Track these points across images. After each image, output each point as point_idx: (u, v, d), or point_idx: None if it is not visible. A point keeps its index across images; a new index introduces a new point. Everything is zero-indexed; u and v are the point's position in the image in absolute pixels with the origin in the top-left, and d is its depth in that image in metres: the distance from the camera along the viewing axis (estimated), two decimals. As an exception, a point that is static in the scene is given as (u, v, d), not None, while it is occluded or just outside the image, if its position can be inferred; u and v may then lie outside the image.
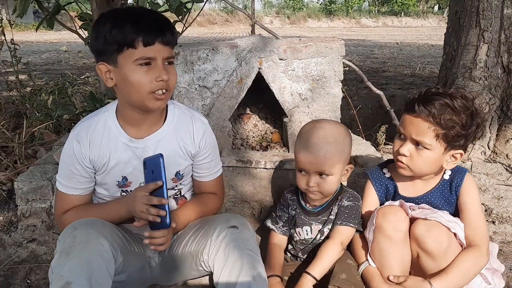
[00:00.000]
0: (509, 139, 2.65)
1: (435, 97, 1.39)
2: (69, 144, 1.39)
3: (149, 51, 1.24)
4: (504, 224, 2.01)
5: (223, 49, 1.99)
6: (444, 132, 1.37)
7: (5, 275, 1.68)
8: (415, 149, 1.42)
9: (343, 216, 1.54)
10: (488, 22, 2.69)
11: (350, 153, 1.57)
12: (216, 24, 24.82)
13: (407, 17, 30.63)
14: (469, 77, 2.74)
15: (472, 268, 1.36)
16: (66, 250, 1.19)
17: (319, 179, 1.51)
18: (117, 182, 1.42)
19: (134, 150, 1.39)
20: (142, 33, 1.23)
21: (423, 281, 1.35)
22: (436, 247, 1.33)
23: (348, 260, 1.50)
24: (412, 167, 1.45)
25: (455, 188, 1.49)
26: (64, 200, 1.42)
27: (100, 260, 1.19)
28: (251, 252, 1.30)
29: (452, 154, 1.43)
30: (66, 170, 1.40)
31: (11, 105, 3.69)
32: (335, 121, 1.60)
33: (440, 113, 1.36)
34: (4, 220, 2.02)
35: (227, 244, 1.31)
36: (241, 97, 2.07)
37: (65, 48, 9.87)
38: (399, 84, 5.75)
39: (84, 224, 1.29)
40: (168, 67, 1.30)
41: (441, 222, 1.35)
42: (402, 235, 1.37)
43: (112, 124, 1.39)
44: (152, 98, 1.28)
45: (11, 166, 2.35)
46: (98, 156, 1.38)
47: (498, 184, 2.34)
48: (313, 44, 2.05)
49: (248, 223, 1.43)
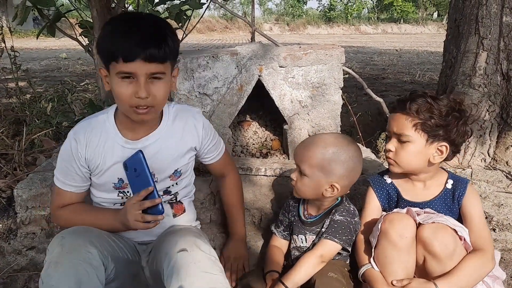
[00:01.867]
0: (509, 146, 2.65)
1: (416, 96, 1.48)
2: (67, 142, 1.41)
3: (129, 66, 1.22)
4: (504, 232, 2.01)
5: (223, 57, 2.00)
6: (422, 122, 1.44)
7: (4, 283, 1.67)
8: (399, 143, 1.49)
9: (330, 230, 1.53)
10: (487, 29, 2.69)
11: (343, 175, 1.51)
12: (215, 31, 24.92)
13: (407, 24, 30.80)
14: (469, 84, 2.74)
15: (478, 270, 1.37)
16: (55, 260, 1.20)
17: (298, 175, 1.55)
18: (113, 184, 1.42)
19: (130, 152, 1.38)
20: (122, 48, 1.21)
21: (427, 282, 1.35)
22: (442, 249, 1.34)
23: (330, 273, 1.48)
24: (399, 162, 1.51)
25: (458, 198, 1.51)
26: (60, 195, 1.44)
27: (89, 268, 1.19)
28: (205, 274, 1.23)
29: (437, 148, 1.47)
30: (63, 167, 1.42)
31: (10, 112, 3.69)
32: (345, 140, 1.56)
33: (417, 106, 1.44)
34: (4, 227, 2.01)
35: (178, 270, 1.23)
36: (241, 104, 2.07)
37: (64, 55, 9.90)
38: (398, 91, 5.76)
39: (71, 233, 1.29)
40: (154, 83, 1.27)
41: (448, 225, 1.36)
42: (408, 242, 1.37)
43: (109, 126, 1.41)
44: (134, 112, 1.29)
45: (11, 174, 2.35)
46: (94, 156, 1.39)
47: (498, 192, 2.33)
48: (313, 51, 2.05)
49: (200, 241, 1.34)
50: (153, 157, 1.40)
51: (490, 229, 2.03)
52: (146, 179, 1.30)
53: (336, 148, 1.51)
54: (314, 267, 1.49)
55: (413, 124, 1.45)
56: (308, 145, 1.55)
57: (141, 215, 1.29)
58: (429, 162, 1.49)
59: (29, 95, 4.37)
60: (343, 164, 1.50)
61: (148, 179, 1.30)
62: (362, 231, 1.57)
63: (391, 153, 1.52)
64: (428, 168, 1.52)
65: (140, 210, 1.29)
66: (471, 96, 2.72)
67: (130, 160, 1.34)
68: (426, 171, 1.53)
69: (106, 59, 1.27)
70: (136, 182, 1.33)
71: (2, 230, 2.00)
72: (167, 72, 1.31)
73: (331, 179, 1.50)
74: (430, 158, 1.48)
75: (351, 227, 1.54)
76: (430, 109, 1.43)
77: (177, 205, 1.54)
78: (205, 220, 1.89)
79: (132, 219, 1.30)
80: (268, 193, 1.99)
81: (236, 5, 42.77)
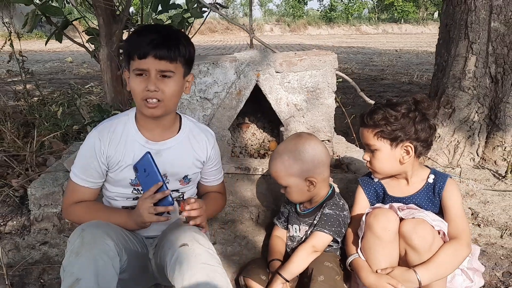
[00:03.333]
0: (497, 146, 2.77)
1: (375, 108, 1.64)
2: (91, 139, 1.54)
3: (142, 63, 1.41)
4: (489, 227, 2.13)
5: (222, 63, 2.12)
6: (380, 130, 1.59)
7: (20, 275, 1.80)
8: (371, 153, 1.65)
9: (321, 223, 1.67)
10: (476, 34, 2.81)
11: (310, 167, 1.66)
12: (216, 32, 25.04)
13: (407, 24, 30.85)
14: (459, 87, 2.86)
15: (453, 257, 1.48)
16: (76, 250, 1.32)
17: (284, 189, 1.72)
18: (131, 180, 1.55)
19: (149, 151, 1.52)
20: (138, 47, 1.41)
21: (408, 270, 1.47)
22: (421, 242, 1.45)
23: (326, 263, 1.61)
24: (375, 169, 1.66)
25: (438, 191, 1.63)
26: (75, 190, 1.56)
27: (106, 258, 1.32)
28: (205, 265, 1.34)
29: (403, 148, 1.60)
30: (83, 163, 1.54)
31: (19, 114, 3.83)
32: (293, 140, 1.73)
33: (374, 118, 1.59)
34: (18, 224, 2.14)
35: (180, 264, 1.34)
36: (239, 107, 2.20)
37: (70, 59, 10.04)
38: (396, 92, 5.88)
39: (90, 226, 1.41)
40: (163, 79, 1.44)
41: (427, 220, 1.48)
42: (391, 234, 1.49)
43: (131, 127, 1.55)
44: (144, 105, 1.45)
45: (23, 174, 2.48)
46: (114, 154, 1.52)
47: (485, 189, 2.45)
48: (307, 57, 2.18)
49: (199, 236, 1.45)
50: (168, 161, 1.55)
51: (475, 224, 2.16)
52: (155, 176, 1.45)
53: (288, 152, 1.67)
54: (308, 257, 1.63)
55: (374, 134, 1.61)
56: (270, 164, 1.73)
57: (153, 208, 1.44)
58: (400, 163, 1.63)
59: (36, 98, 4.51)
60: (302, 160, 1.66)
61: (157, 175, 1.45)
62: (351, 225, 1.70)
63: (368, 163, 1.68)
64: (403, 168, 1.64)
65: (152, 203, 1.44)
66: (461, 98, 2.84)
67: (139, 163, 1.49)
68: (403, 170, 1.65)
69: (127, 58, 1.46)
70: (147, 181, 1.47)
71: (17, 226, 2.13)
72: (177, 72, 1.46)
73: (304, 177, 1.66)
74: (400, 159, 1.62)
75: (340, 220, 1.68)
76: (385, 117, 1.58)
77: (183, 202, 1.66)
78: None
79: (146, 212, 1.45)
80: (265, 192, 2.11)
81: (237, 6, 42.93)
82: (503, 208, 2.26)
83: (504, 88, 2.77)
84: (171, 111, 1.55)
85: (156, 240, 1.63)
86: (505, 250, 1.97)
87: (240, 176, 2.14)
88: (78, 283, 1.25)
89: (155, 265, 1.59)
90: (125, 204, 1.60)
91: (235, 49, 13.74)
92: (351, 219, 1.73)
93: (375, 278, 1.49)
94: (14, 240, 2.01)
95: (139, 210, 1.46)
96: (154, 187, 1.45)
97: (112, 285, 1.32)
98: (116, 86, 2.85)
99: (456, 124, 2.83)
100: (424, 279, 1.45)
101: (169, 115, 1.55)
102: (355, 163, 2.27)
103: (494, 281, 1.80)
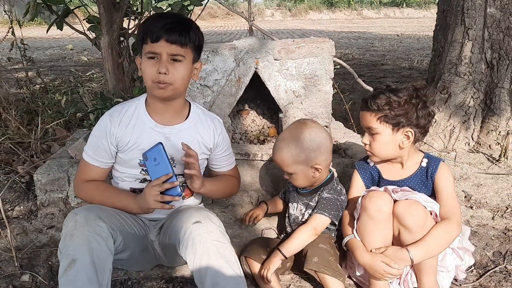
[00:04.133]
0: (492, 130, 2.82)
1: (377, 93, 1.67)
2: (103, 121, 1.62)
3: (155, 47, 1.48)
4: (481, 209, 2.19)
5: (222, 51, 2.17)
6: (384, 114, 1.63)
7: (28, 258, 1.88)
8: (371, 137, 1.69)
9: (320, 206, 1.74)
10: (472, 20, 2.84)
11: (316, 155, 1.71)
12: (217, 17, 24.87)
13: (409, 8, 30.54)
14: (455, 73, 2.90)
15: (444, 236, 1.54)
16: (70, 232, 1.40)
17: (289, 176, 1.77)
18: (139, 161, 1.62)
19: (158, 134, 1.61)
20: (151, 31, 1.48)
21: (401, 249, 1.54)
22: (414, 222, 1.52)
23: (320, 244, 1.68)
24: (374, 152, 1.70)
25: (431, 174, 1.69)
26: (86, 168, 1.65)
27: (99, 239, 1.39)
28: (216, 242, 1.42)
29: (403, 133, 1.65)
30: (94, 143, 1.62)
31: (21, 102, 3.88)
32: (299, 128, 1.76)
33: (377, 102, 1.63)
34: (25, 209, 2.21)
35: (193, 239, 1.43)
36: (239, 94, 2.25)
37: (71, 47, 10.03)
38: (396, 77, 5.89)
39: (83, 210, 1.49)
40: (173, 63, 1.51)
41: (419, 202, 1.54)
42: (385, 216, 1.56)
43: (141, 111, 1.63)
44: (156, 87, 1.52)
45: (29, 160, 2.54)
46: (124, 135, 1.60)
47: (479, 173, 2.51)
48: (305, 45, 2.22)
49: (211, 214, 1.55)
50: (176, 145, 1.61)
51: (468, 207, 2.22)
52: (166, 166, 1.51)
53: (295, 141, 1.72)
54: (308, 238, 1.71)
55: (377, 118, 1.64)
56: (276, 153, 1.77)
57: (160, 196, 1.51)
58: (400, 147, 1.68)
59: (37, 85, 4.55)
60: (309, 149, 1.71)
61: (168, 166, 1.51)
62: (348, 207, 1.77)
63: (367, 146, 1.72)
64: (401, 152, 1.70)
65: (159, 191, 1.51)
66: (457, 83, 2.89)
67: (150, 151, 1.54)
68: (401, 155, 1.71)
69: (140, 43, 1.54)
70: (155, 170, 1.53)
71: (24, 211, 2.20)
72: (187, 57, 1.53)
73: (310, 164, 1.72)
74: (400, 143, 1.66)
75: (338, 204, 1.75)
76: (389, 102, 1.62)
77: (187, 189, 1.72)
78: (207, 201, 2.08)
79: (151, 199, 1.52)
80: (265, 176, 2.18)
81: (237, -10, 42.44)
82: (495, 190, 2.32)
83: (500, 74, 2.81)
84: (180, 95, 1.62)
85: (160, 223, 1.70)
86: (496, 231, 2.04)
87: (240, 162, 2.19)
88: (74, 263, 1.32)
89: (160, 245, 1.67)
90: (132, 186, 1.67)
91: (235, 35, 13.70)
92: (348, 201, 1.79)
93: (369, 257, 1.56)
94: (22, 224, 2.09)
95: (146, 196, 1.53)
96: (164, 176, 1.51)
97: (107, 264, 1.39)
98: (118, 74, 2.89)
99: (452, 109, 2.88)
100: (416, 257, 1.51)
101: (178, 99, 1.62)
102: (352, 148, 2.33)
103: (484, 260, 1.87)
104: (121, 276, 1.77)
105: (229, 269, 1.39)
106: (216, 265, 1.38)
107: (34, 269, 1.81)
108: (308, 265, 1.60)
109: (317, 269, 1.59)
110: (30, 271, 1.78)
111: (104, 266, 1.37)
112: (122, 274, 1.78)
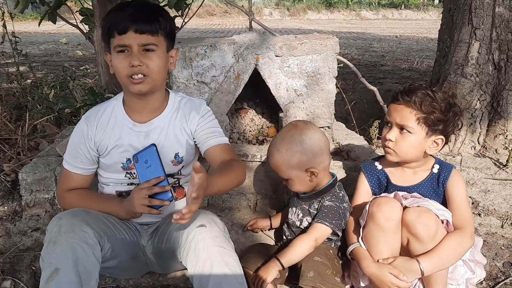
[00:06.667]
0: (499, 134, 2.73)
1: (417, 88, 1.55)
2: (79, 126, 1.52)
3: (123, 38, 1.36)
4: (489, 217, 2.09)
5: (221, 46, 2.06)
6: (425, 116, 1.51)
7: (11, 262, 1.76)
8: (399, 134, 1.56)
9: (321, 215, 1.62)
10: (480, 20, 2.75)
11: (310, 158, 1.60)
12: (215, 15, 24.73)
13: (408, 10, 30.53)
14: (461, 74, 2.81)
15: (457, 247, 1.44)
16: (53, 239, 1.28)
17: (286, 181, 1.68)
18: (122, 164, 1.51)
19: (137, 134, 1.49)
20: (116, 23, 1.36)
21: (410, 260, 1.43)
22: (425, 232, 1.42)
23: (315, 257, 1.56)
24: (398, 152, 1.57)
25: (442, 182, 1.59)
26: (67, 177, 1.53)
27: (85, 246, 1.28)
28: (221, 248, 1.32)
29: (434, 140, 1.55)
30: (73, 149, 1.52)
31: (11, 97, 3.75)
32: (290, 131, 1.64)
33: (421, 100, 1.51)
34: (9, 210, 2.09)
35: (196, 244, 1.33)
36: (238, 92, 2.14)
37: (65, 41, 9.90)
38: (396, 79, 5.81)
39: (68, 214, 1.38)
40: (146, 54, 1.39)
41: (431, 210, 1.44)
42: (394, 224, 1.45)
43: (118, 111, 1.52)
44: (130, 82, 1.40)
45: (15, 158, 2.42)
46: (103, 138, 1.49)
47: (486, 178, 2.42)
48: (308, 41, 2.11)
49: (216, 219, 1.44)
50: (156, 140, 1.49)
51: (475, 214, 2.12)
52: (158, 169, 1.39)
53: (285, 145, 1.61)
54: (308, 248, 1.58)
55: (416, 117, 1.51)
56: (269, 158, 1.68)
57: (147, 199, 1.39)
58: (425, 153, 1.58)
59: (29, 80, 4.42)
60: (301, 152, 1.60)
61: (160, 169, 1.39)
62: (353, 213, 1.66)
63: (391, 143, 1.57)
64: (421, 158, 1.60)
65: (147, 194, 1.39)
66: (463, 85, 2.79)
67: (141, 153, 1.43)
68: (419, 160, 1.61)
69: (107, 38, 1.40)
70: (146, 173, 1.42)
71: (8, 212, 2.08)
72: (160, 46, 1.41)
73: (305, 168, 1.61)
74: (427, 149, 1.57)
75: (340, 212, 1.63)
76: (432, 103, 1.51)
77: (179, 189, 1.61)
78: (202, 204, 1.97)
79: (138, 202, 1.39)
80: (263, 179, 2.07)
81: (236, -11, 42.32)
82: (503, 197, 2.23)
83: (507, 76, 2.72)
84: (158, 88, 1.49)
85: (152, 227, 1.58)
86: (506, 240, 1.94)
87: (237, 163, 2.09)
88: (57, 273, 1.21)
89: (153, 251, 1.56)
90: (118, 188, 1.56)
91: (233, 33, 13.51)
92: (353, 207, 1.68)
93: (376, 267, 1.46)
94: (5, 226, 1.97)
95: (132, 199, 1.42)
96: (155, 179, 1.40)
97: (94, 274, 1.28)
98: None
99: (458, 111, 2.79)
100: (427, 269, 1.41)
101: (157, 93, 1.50)
102: (355, 150, 2.23)
103: (494, 271, 1.77)
104: (109, 284, 1.66)
105: (234, 279, 1.29)
106: (220, 274, 1.28)
107: (17, 274, 1.69)
108: (304, 281, 1.49)
109: (313, 284, 1.48)
110: (12, 277, 1.66)
111: (90, 275, 1.26)
112: (110, 281, 1.67)
